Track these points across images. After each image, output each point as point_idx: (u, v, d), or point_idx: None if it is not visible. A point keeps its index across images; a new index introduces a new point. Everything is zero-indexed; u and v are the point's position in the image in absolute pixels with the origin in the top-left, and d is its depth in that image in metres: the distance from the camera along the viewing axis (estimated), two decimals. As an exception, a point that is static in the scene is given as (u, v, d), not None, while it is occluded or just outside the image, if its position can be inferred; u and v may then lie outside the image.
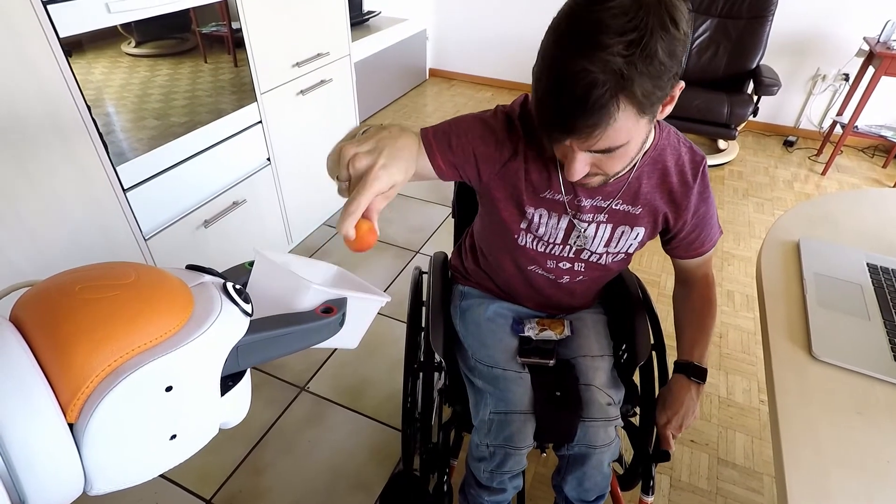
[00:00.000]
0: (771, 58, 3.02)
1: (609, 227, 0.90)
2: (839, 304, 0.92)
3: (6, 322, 0.32)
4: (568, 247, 0.93)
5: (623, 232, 0.91)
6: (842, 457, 0.69)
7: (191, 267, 0.44)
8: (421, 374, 1.10)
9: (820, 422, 0.73)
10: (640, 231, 0.91)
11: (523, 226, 0.92)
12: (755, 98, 2.80)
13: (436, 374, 1.08)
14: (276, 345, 0.43)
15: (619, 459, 1.06)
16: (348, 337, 0.55)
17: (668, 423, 0.94)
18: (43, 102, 1.15)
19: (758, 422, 1.58)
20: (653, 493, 1.02)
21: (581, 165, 0.71)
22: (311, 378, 1.69)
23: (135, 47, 1.32)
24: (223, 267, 0.49)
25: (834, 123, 3.17)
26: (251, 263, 0.51)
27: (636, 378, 1.04)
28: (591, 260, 0.95)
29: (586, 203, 0.88)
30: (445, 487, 1.10)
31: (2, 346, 0.30)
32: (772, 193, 2.84)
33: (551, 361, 0.98)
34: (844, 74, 3.15)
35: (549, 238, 0.92)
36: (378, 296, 0.55)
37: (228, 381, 0.40)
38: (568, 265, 0.96)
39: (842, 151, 3.20)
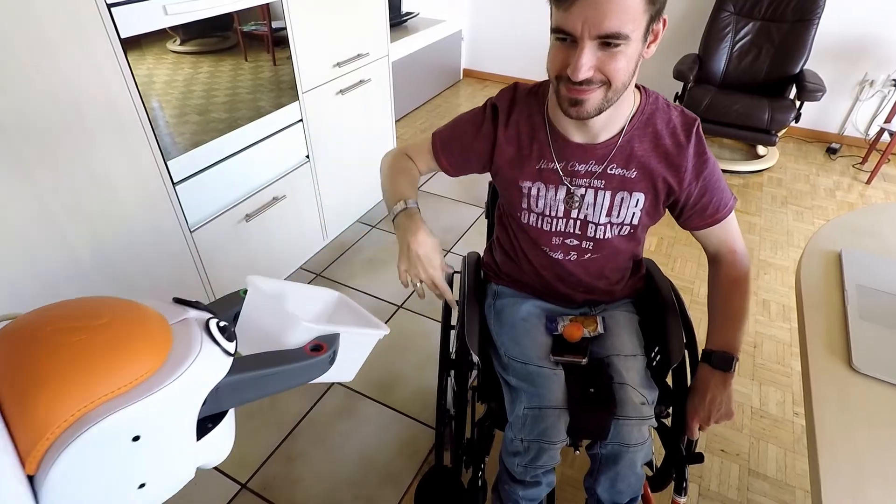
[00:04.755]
0: (815, 62, 2.93)
1: (608, 193, 0.93)
2: (882, 317, 0.90)
3: None
4: (571, 221, 0.96)
5: (623, 199, 0.94)
6: (880, 471, 0.68)
7: (177, 300, 0.43)
8: (453, 371, 1.12)
9: (859, 435, 0.73)
10: (640, 197, 0.93)
11: (524, 204, 0.97)
12: (798, 103, 2.73)
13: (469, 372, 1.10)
14: (259, 385, 0.42)
15: (649, 462, 1.07)
16: (343, 370, 0.53)
17: (696, 413, 0.94)
18: (104, 99, 1.21)
19: (791, 434, 1.55)
20: (685, 494, 1.02)
21: (587, 59, 0.75)
22: (343, 371, 1.73)
23: (179, 45, 1.37)
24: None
25: (881, 131, 3.06)
26: (245, 291, 0.50)
27: (668, 380, 1.03)
28: (596, 236, 0.98)
29: (580, 168, 0.92)
30: (480, 482, 1.12)
31: None
32: (812, 202, 2.76)
33: (584, 360, 0.99)
34: (894, 80, 3.04)
35: (549, 212, 0.97)
36: (375, 329, 0.53)
37: (207, 423, 0.39)
38: (575, 242, 0.99)
39: (888, 160, 3.09)
